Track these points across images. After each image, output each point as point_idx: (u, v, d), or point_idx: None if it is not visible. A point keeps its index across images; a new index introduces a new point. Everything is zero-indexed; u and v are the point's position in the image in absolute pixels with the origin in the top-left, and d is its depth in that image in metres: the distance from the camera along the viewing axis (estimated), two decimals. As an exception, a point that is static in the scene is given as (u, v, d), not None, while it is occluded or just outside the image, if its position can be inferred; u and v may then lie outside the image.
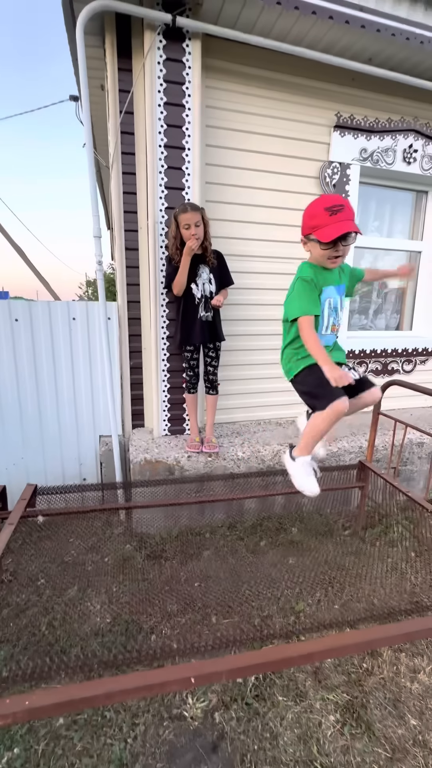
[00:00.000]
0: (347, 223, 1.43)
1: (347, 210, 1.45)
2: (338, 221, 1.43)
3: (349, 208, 1.46)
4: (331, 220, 1.44)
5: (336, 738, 1.29)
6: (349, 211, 1.46)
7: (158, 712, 1.35)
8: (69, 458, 2.61)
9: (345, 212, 1.44)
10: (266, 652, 1.16)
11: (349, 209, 1.46)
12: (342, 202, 1.46)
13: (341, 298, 1.66)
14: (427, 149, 2.85)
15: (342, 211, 1.44)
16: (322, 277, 1.58)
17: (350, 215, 1.45)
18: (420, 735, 1.32)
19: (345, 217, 1.43)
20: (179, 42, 2.12)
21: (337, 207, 1.44)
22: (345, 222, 1.43)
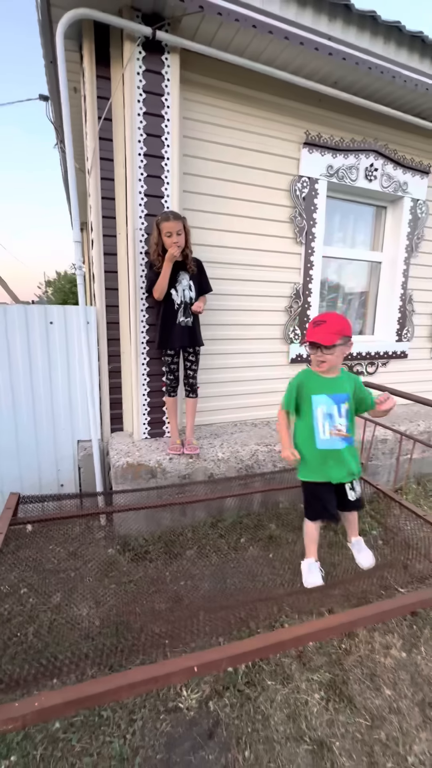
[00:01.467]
0: (312, 334, 1.66)
1: (325, 324, 1.65)
2: (311, 331, 1.68)
3: (328, 323, 1.65)
4: (309, 330, 1.70)
5: (321, 713, 1.40)
6: (326, 325, 1.65)
7: (154, 707, 1.40)
8: (46, 464, 2.56)
9: (321, 326, 1.65)
10: (262, 638, 1.24)
11: (328, 324, 1.65)
12: (325, 318, 1.68)
13: (339, 406, 1.74)
14: (385, 168, 3.09)
15: (319, 324, 1.66)
16: (313, 383, 1.78)
17: (325, 329, 1.64)
18: (394, 703, 1.46)
19: (319, 330, 1.65)
20: (158, 54, 2.18)
21: (319, 321, 1.68)
22: (311, 333, 1.67)
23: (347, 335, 1.69)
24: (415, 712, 1.43)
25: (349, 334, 1.70)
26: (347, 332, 1.69)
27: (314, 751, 1.28)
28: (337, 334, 1.64)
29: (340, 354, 1.70)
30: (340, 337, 1.65)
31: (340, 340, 1.66)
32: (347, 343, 1.71)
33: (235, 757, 1.25)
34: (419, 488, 3.12)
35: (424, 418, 3.34)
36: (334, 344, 1.64)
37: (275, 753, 1.27)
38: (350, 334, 1.71)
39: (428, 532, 1.93)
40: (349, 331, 1.71)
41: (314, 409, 1.77)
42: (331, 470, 1.81)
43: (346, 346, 1.71)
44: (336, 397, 1.74)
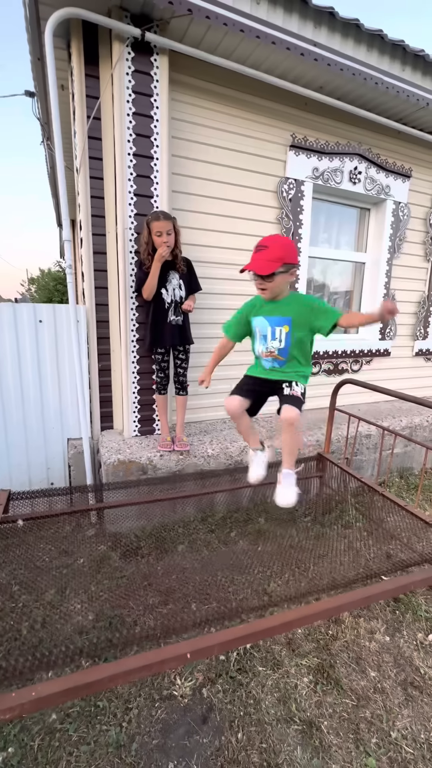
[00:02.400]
0: (252, 261, 1.58)
1: (266, 250, 1.56)
2: (252, 257, 1.61)
3: (270, 249, 1.55)
4: (252, 255, 1.62)
5: (310, 696, 1.47)
6: (267, 251, 1.55)
7: (149, 695, 1.43)
8: (36, 463, 2.56)
9: (262, 252, 1.57)
10: (252, 624, 1.29)
11: (270, 250, 1.55)
12: (267, 242, 1.58)
13: (273, 329, 1.73)
14: (369, 172, 3.18)
15: (261, 250, 1.58)
16: (257, 307, 1.77)
17: (265, 255, 1.55)
18: (378, 683, 1.53)
19: (257, 257, 1.58)
20: (147, 55, 2.20)
21: (261, 245, 1.60)
22: (252, 260, 1.59)
23: (290, 262, 1.59)
24: (397, 691, 1.51)
25: (292, 260, 1.60)
26: (290, 258, 1.59)
27: (304, 730, 1.34)
28: (277, 261, 1.55)
29: (281, 281, 1.62)
30: (280, 264, 1.56)
31: (281, 267, 1.56)
32: (290, 270, 1.61)
33: (228, 739, 1.30)
34: (401, 482, 3.24)
35: (405, 414, 3.45)
36: (273, 273, 1.56)
37: (267, 734, 1.32)
38: (295, 261, 1.61)
39: (410, 523, 2.02)
40: (293, 257, 1.60)
41: (254, 330, 1.78)
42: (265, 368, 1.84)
43: (289, 273, 1.62)
44: (272, 320, 1.70)
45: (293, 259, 1.61)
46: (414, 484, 3.18)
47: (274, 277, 1.59)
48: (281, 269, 1.58)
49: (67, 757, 1.23)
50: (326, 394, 3.39)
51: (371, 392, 3.61)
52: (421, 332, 3.86)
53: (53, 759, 1.22)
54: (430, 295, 3.81)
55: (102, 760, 1.23)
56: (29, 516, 1.91)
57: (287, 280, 1.65)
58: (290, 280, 1.66)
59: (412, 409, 3.63)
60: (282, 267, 1.57)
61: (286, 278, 1.63)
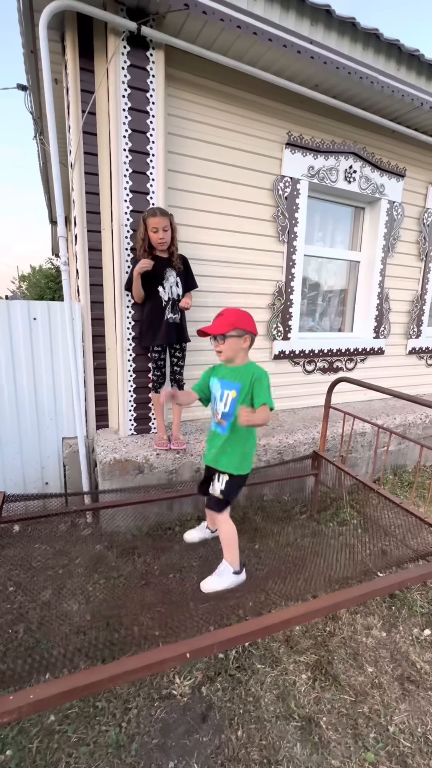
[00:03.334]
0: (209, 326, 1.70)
1: (221, 317, 1.70)
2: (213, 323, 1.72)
3: (224, 316, 1.69)
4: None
5: (309, 692, 1.48)
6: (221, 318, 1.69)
7: (149, 695, 1.43)
8: (30, 463, 2.53)
9: (217, 319, 1.71)
10: (251, 622, 1.29)
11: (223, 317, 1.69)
12: (223, 312, 1.72)
13: (223, 392, 1.76)
14: (364, 171, 3.19)
15: (217, 317, 1.72)
16: (217, 370, 1.83)
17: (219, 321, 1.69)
18: (376, 679, 1.55)
19: (214, 321, 1.70)
20: (143, 50, 2.17)
21: (218, 314, 1.73)
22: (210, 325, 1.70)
23: (244, 329, 1.69)
24: (394, 686, 1.52)
25: (245, 327, 1.69)
26: (243, 326, 1.69)
27: (303, 727, 1.35)
28: (229, 325, 1.67)
29: (233, 345, 1.70)
30: (232, 328, 1.66)
31: (232, 331, 1.67)
32: (243, 336, 1.70)
33: (228, 737, 1.31)
34: (395, 479, 3.27)
35: (399, 412, 3.49)
36: (224, 334, 1.67)
37: (266, 731, 1.33)
38: (248, 328, 1.70)
39: (406, 520, 2.04)
40: (247, 326, 1.70)
41: (212, 392, 1.83)
42: (208, 450, 1.89)
43: (242, 339, 1.70)
44: (224, 383, 1.76)
45: (246, 326, 1.70)
46: (407, 481, 3.21)
47: (226, 339, 1.68)
48: (233, 333, 1.67)
49: (66, 758, 1.22)
50: (321, 393, 3.41)
51: (365, 390, 3.64)
52: (415, 331, 3.89)
53: (52, 761, 1.21)
54: (423, 294, 3.85)
55: (102, 760, 1.22)
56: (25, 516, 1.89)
57: (240, 345, 1.72)
58: (244, 347, 1.73)
59: (406, 407, 3.66)
60: (234, 331, 1.67)
61: (239, 343, 1.71)
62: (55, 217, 6.75)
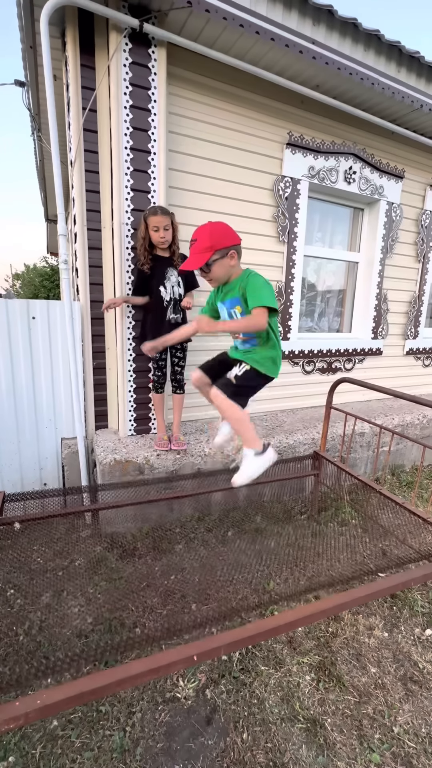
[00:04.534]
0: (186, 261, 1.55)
1: (194, 244, 1.52)
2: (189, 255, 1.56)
3: (198, 242, 1.50)
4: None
5: (313, 693, 1.47)
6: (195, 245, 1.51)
7: (152, 699, 1.42)
8: (28, 463, 2.50)
9: (191, 247, 1.54)
10: (257, 624, 1.28)
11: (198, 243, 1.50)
12: (195, 235, 1.53)
13: (229, 312, 1.69)
14: (363, 172, 3.20)
15: (191, 246, 1.55)
16: (217, 294, 1.74)
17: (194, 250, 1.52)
18: (379, 679, 1.55)
19: (190, 253, 1.55)
20: (145, 47, 2.15)
21: (191, 240, 1.56)
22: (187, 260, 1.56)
23: (223, 246, 1.51)
24: (398, 686, 1.53)
25: (225, 243, 1.52)
26: (221, 243, 1.51)
27: (308, 729, 1.34)
28: (207, 250, 1.50)
29: (221, 268, 1.56)
30: (212, 252, 1.50)
31: (214, 254, 1.51)
32: (228, 253, 1.54)
33: (233, 740, 1.30)
34: (394, 479, 3.29)
35: (397, 413, 3.50)
36: (207, 263, 1.52)
37: (271, 733, 1.32)
38: (229, 243, 1.53)
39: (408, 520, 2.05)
40: (226, 240, 1.52)
41: (221, 315, 1.76)
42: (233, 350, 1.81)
43: (227, 257, 1.54)
44: (227, 303, 1.67)
45: (226, 242, 1.53)
46: (406, 481, 3.23)
47: (211, 267, 1.53)
48: (215, 256, 1.51)
49: (70, 764, 1.20)
50: (319, 393, 3.42)
51: (364, 391, 3.66)
52: (412, 332, 3.91)
53: (56, 767, 1.19)
54: (421, 295, 3.87)
55: (106, 766, 1.21)
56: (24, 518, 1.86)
57: (229, 264, 1.57)
58: (232, 263, 1.57)
59: (404, 407, 3.68)
60: (215, 254, 1.51)
61: (226, 263, 1.56)
62: (51, 215, 6.68)
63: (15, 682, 1.37)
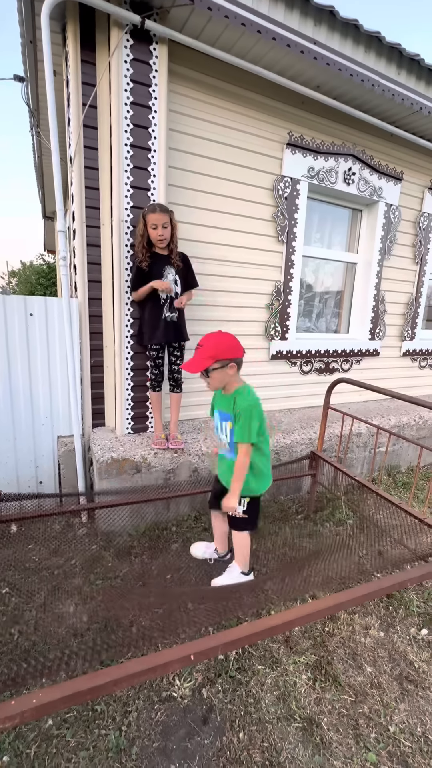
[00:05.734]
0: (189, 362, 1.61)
1: (200, 349, 1.60)
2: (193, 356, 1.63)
3: (204, 348, 1.59)
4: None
5: (309, 693, 1.47)
6: (201, 350, 1.59)
7: (148, 698, 1.41)
8: (24, 461, 2.48)
9: (197, 351, 1.61)
10: (254, 624, 1.28)
11: (203, 349, 1.59)
12: (203, 341, 1.62)
13: (222, 424, 1.76)
14: (363, 173, 3.21)
15: (197, 349, 1.62)
16: (216, 397, 1.81)
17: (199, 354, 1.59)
18: (375, 678, 1.55)
19: (194, 355, 1.62)
20: (146, 44, 2.15)
21: (198, 345, 1.62)
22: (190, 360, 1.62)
23: (225, 358, 1.60)
24: (393, 685, 1.53)
25: (227, 356, 1.60)
26: (224, 355, 1.60)
27: (304, 728, 1.34)
28: (209, 359, 1.59)
29: (218, 377, 1.64)
30: (213, 361, 1.58)
31: (215, 363, 1.59)
32: (227, 365, 1.62)
33: (229, 739, 1.29)
34: (389, 479, 3.30)
35: (394, 414, 3.52)
36: (206, 369, 1.60)
37: (268, 733, 1.32)
38: (230, 356, 1.61)
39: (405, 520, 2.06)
40: (228, 353, 1.61)
41: (214, 419, 1.84)
42: (219, 466, 1.90)
43: (227, 368, 1.62)
44: (222, 415, 1.75)
45: (228, 354, 1.61)
46: (401, 482, 3.24)
47: (210, 374, 1.62)
48: (215, 365, 1.60)
49: (65, 763, 1.19)
50: (317, 393, 3.43)
51: (360, 392, 3.67)
52: (409, 333, 3.93)
53: (51, 766, 1.18)
54: (418, 296, 3.89)
55: (102, 765, 1.20)
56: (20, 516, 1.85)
57: (227, 374, 1.65)
58: (230, 373, 1.65)
59: (400, 408, 3.70)
60: (216, 363, 1.60)
61: (225, 372, 1.64)
62: (49, 211, 6.64)
63: (10, 681, 1.36)
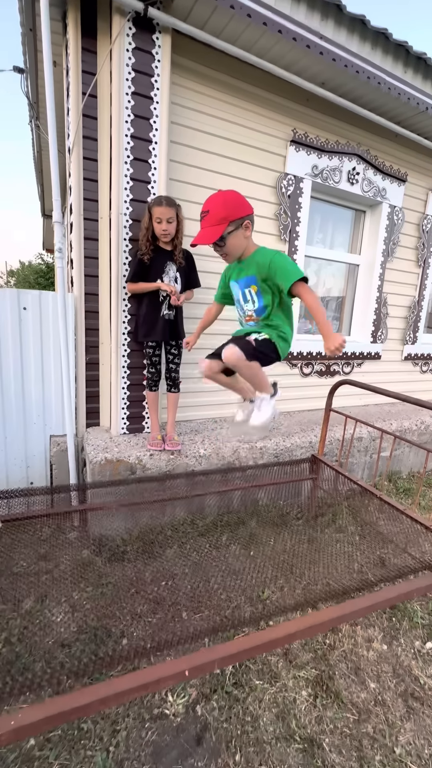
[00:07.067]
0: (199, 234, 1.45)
1: (207, 216, 1.42)
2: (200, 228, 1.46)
3: (210, 214, 1.40)
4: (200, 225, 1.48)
5: (310, 710, 1.39)
6: (208, 217, 1.41)
7: (139, 715, 1.32)
8: (14, 461, 2.39)
9: (204, 220, 1.43)
10: (253, 637, 1.20)
11: (210, 215, 1.40)
12: (207, 206, 1.42)
13: (243, 291, 1.61)
14: (367, 173, 3.16)
15: (203, 218, 1.44)
16: (231, 269, 1.66)
17: (207, 222, 1.41)
18: (379, 695, 1.47)
19: (202, 225, 1.44)
20: (149, 33, 2.09)
21: (202, 212, 1.45)
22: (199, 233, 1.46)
23: (238, 216, 1.41)
24: (398, 703, 1.45)
25: (240, 214, 1.41)
26: (236, 213, 1.41)
27: (305, 749, 1.26)
28: (221, 222, 1.39)
29: (236, 241, 1.45)
30: (226, 224, 1.40)
31: (229, 226, 1.40)
32: (243, 224, 1.43)
33: (225, 762, 1.21)
34: (390, 485, 3.23)
35: (395, 418, 3.45)
36: (222, 236, 1.41)
37: (266, 754, 1.23)
38: (243, 213, 1.43)
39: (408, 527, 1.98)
40: (240, 210, 1.42)
41: (234, 295, 1.69)
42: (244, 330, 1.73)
43: (243, 227, 1.44)
44: (241, 282, 1.58)
45: (240, 211, 1.43)
46: (402, 488, 3.17)
47: (226, 240, 1.44)
48: (230, 228, 1.41)
49: (47, 788, 1.10)
50: (317, 396, 3.36)
51: (361, 395, 3.61)
52: (411, 337, 3.88)
53: (31, 791, 1.09)
54: (420, 300, 3.84)
55: (87, 790, 1.11)
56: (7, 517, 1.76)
57: (244, 236, 1.47)
58: (247, 235, 1.47)
59: (401, 413, 3.64)
60: (230, 226, 1.41)
61: (241, 234, 1.46)
62: (48, 210, 6.57)
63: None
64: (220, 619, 1.65)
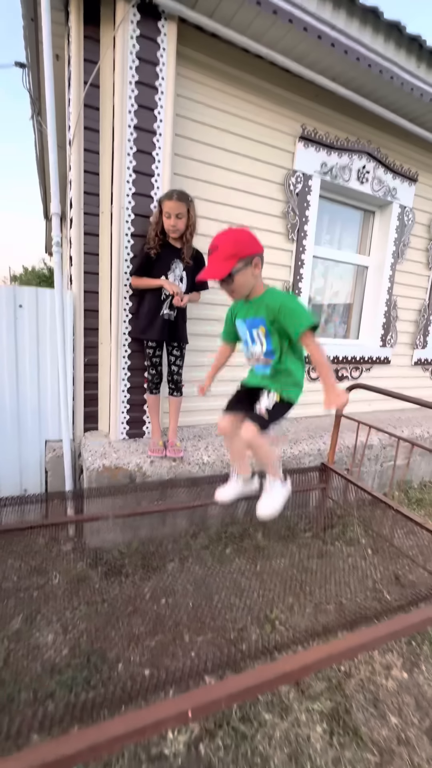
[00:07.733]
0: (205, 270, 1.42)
1: (216, 252, 1.39)
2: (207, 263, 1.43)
3: (219, 250, 1.38)
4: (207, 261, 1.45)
5: (326, 750, 1.24)
6: (217, 253, 1.38)
7: (135, 755, 1.18)
8: (7, 467, 2.26)
9: (212, 255, 1.40)
10: (264, 669, 1.06)
11: (219, 251, 1.38)
12: (217, 242, 1.40)
13: (251, 332, 1.57)
14: (377, 172, 3.07)
15: (211, 254, 1.41)
16: (239, 308, 1.61)
17: (215, 258, 1.39)
18: (402, 733, 1.32)
19: (210, 261, 1.41)
20: (154, 20, 2.01)
21: (211, 248, 1.41)
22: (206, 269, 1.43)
23: (247, 254, 1.39)
24: (424, 741, 1.30)
25: (250, 252, 1.39)
26: (245, 251, 1.39)
27: (322, 798, 1.11)
28: (230, 258, 1.37)
29: (244, 279, 1.42)
30: (235, 261, 1.37)
31: (237, 264, 1.38)
32: (252, 261, 1.41)
33: None
34: (401, 495, 3.08)
35: (406, 425, 3.32)
36: (230, 273, 1.38)
37: (278, 804, 1.09)
38: (252, 251, 1.40)
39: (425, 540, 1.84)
40: (250, 248, 1.40)
41: (240, 335, 1.64)
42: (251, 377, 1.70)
43: (252, 266, 1.41)
44: (249, 322, 1.54)
45: (250, 249, 1.40)
46: (414, 498, 3.02)
47: (234, 277, 1.40)
48: (238, 266, 1.39)
49: None
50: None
51: (370, 401, 3.48)
52: (421, 341, 3.76)
53: None
54: (431, 303, 3.73)
55: None
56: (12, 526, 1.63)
57: (253, 274, 1.44)
58: (256, 273, 1.45)
59: (412, 420, 3.50)
60: (238, 263, 1.38)
61: (250, 272, 1.43)
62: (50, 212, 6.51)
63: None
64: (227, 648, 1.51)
